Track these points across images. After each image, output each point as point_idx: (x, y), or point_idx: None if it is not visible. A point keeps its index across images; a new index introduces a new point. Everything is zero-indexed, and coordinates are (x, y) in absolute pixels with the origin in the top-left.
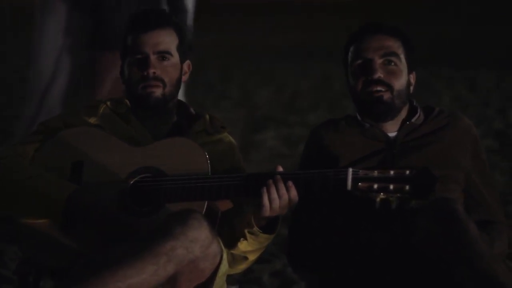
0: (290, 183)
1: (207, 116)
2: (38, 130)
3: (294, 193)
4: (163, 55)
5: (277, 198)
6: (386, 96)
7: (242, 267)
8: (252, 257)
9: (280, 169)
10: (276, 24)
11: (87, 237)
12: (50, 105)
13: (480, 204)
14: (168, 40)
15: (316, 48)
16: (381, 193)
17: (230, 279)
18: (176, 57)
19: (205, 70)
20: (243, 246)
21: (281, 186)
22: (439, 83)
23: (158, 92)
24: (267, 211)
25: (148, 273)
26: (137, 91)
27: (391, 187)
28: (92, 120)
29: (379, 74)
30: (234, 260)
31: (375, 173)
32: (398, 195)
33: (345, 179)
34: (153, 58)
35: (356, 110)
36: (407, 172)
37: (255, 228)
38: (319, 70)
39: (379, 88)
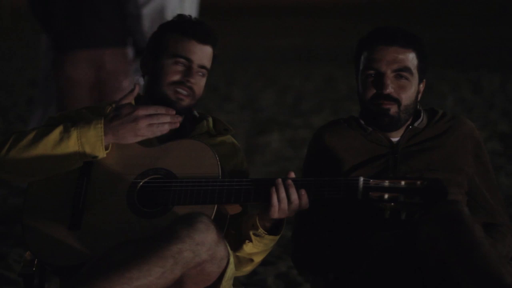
0: (303, 191)
1: (210, 119)
2: (49, 123)
3: (306, 200)
4: (203, 70)
5: (286, 198)
6: (393, 110)
7: (247, 269)
8: (257, 259)
9: (292, 175)
10: (280, 26)
11: (95, 236)
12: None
13: (483, 206)
14: (210, 58)
15: (320, 50)
16: (391, 203)
17: (235, 281)
18: (207, 74)
19: (209, 73)
20: (248, 248)
21: (293, 191)
22: (443, 85)
23: (186, 102)
24: (275, 212)
25: (154, 276)
26: (167, 89)
27: (402, 197)
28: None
29: (390, 90)
30: (239, 262)
31: (386, 183)
32: (408, 205)
33: (356, 188)
34: (195, 69)
35: (360, 113)
36: (418, 183)
37: (260, 230)
38: (323, 72)
39: (387, 102)
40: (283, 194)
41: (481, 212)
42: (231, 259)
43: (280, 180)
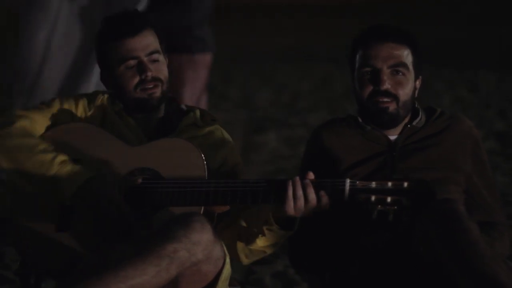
0: (322, 193)
1: (198, 111)
2: (51, 103)
3: (326, 201)
4: (154, 55)
5: (302, 196)
6: (392, 107)
7: (257, 258)
8: (270, 251)
9: (311, 175)
10: (276, 25)
11: (86, 238)
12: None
13: (480, 205)
14: (154, 40)
15: (317, 49)
16: (378, 205)
17: (232, 280)
18: (162, 55)
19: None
20: (261, 242)
21: (310, 189)
22: (439, 84)
23: (158, 92)
24: (291, 209)
25: (149, 275)
26: (134, 95)
27: (389, 199)
28: (91, 111)
29: (387, 86)
30: (251, 253)
31: (373, 184)
32: (395, 207)
33: (343, 190)
34: (146, 60)
35: (358, 112)
36: (405, 184)
37: (274, 226)
38: (319, 71)
39: (385, 99)
40: (299, 192)
41: (478, 211)
42: (227, 260)
43: (297, 179)
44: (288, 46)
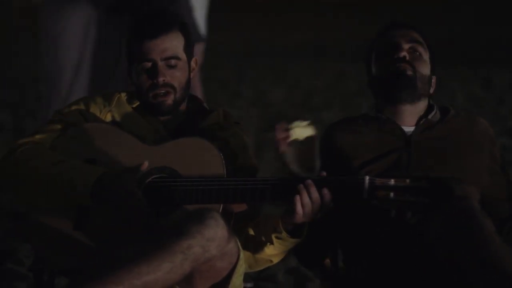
0: (325, 191)
1: (221, 111)
2: (55, 119)
3: (328, 198)
4: (171, 61)
5: (310, 203)
6: (410, 72)
7: (262, 267)
8: (276, 260)
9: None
10: (289, 22)
11: (101, 236)
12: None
13: (496, 203)
14: (174, 44)
15: (330, 46)
16: (397, 202)
17: (245, 276)
18: (183, 59)
19: (219, 69)
20: (269, 250)
21: (313, 190)
22: (453, 82)
23: (169, 100)
24: (300, 218)
25: (164, 271)
26: (148, 98)
27: (407, 196)
28: (106, 109)
29: (405, 53)
30: (257, 262)
31: (392, 181)
32: (414, 205)
33: (362, 187)
34: (161, 65)
35: (374, 98)
36: (424, 182)
37: (284, 234)
38: (332, 69)
39: (403, 65)
40: (306, 199)
41: (493, 209)
42: (241, 255)
43: (302, 186)
44: (301, 43)
